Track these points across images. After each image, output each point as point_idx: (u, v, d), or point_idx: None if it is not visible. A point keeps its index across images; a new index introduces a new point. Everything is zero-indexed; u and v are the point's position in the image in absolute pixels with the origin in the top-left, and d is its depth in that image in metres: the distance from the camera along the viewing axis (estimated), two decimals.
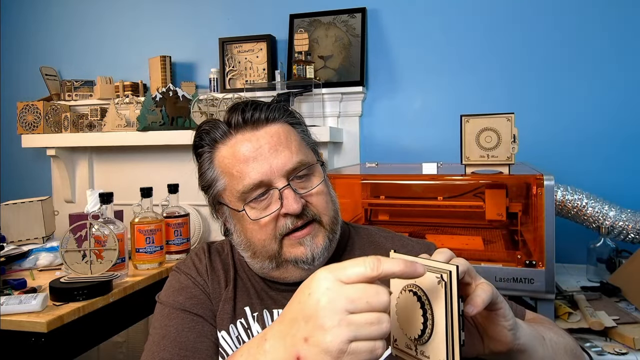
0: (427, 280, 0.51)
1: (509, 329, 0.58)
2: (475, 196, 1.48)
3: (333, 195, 0.83)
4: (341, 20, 2.07)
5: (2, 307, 1.14)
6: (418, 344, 0.53)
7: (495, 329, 0.58)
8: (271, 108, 0.79)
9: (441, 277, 0.50)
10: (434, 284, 0.51)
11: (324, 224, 0.78)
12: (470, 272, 0.55)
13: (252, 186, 0.74)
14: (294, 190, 0.75)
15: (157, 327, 0.78)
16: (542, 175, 1.19)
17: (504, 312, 0.57)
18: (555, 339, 0.71)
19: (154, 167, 2.22)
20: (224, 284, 0.83)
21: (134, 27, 2.41)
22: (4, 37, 2.61)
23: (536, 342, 0.64)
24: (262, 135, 0.76)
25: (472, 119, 1.31)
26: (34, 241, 1.74)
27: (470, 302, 0.53)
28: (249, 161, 0.75)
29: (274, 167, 0.74)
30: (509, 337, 0.58)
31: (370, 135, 2.07)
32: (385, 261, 0.47)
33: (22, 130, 2.26)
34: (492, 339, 0.59)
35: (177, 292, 0.81)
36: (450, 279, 0.49)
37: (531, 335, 0.63)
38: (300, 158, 0.76)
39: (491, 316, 0.57)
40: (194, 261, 0.86)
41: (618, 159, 1.78)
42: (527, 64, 1.88)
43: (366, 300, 0.45)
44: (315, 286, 0.47)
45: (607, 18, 1.79)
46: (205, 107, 2.03)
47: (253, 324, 0.79)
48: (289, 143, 0.77)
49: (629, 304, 1.31)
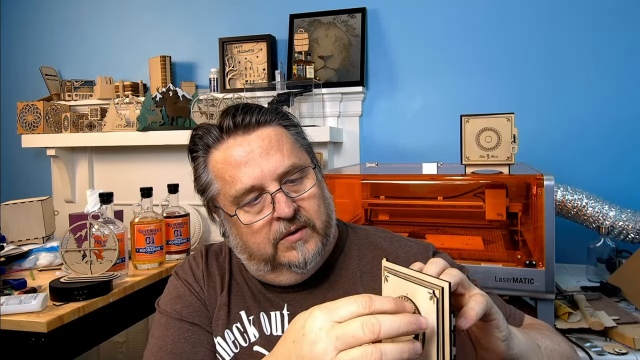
0: (419, 294, 0.51)
1: (502, 339, 0.57)
2: (475, 196, 1.48)
3: (328, 197, 0.82)
4: (341, 20, 2.07)
5: (2, 307, 1.14)
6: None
7: (489, 340, 0.57)
8: (262, 111, 0.78)
9: (433, 292, 0.50)
10: (426, 299, 0.50)
11: (317, 228, 0.77)
12: (464, 282, 0.54)
13: (244, 191, 0.74)
14: (286, 194, 0.74)
15: (156, 336, 0.80)
16: (542, 175, 1.19)
17: (497, 323, 0.56)
18: (552, 347, 0.70)
19: (154, 167, 2.22)
20: (219, 289, 0.83)
21: (134, 27, 2.41)
22: (4, 37, 2.61)
23: (531, 351, 0.63)
24: (253, 139, 0.76)
25: (472, 119, 1.31)
26: (34, 241, 1.74)
27: (464, 315, 0.52)
28: (241, 166, 0.74)
29: (266, 171, 0.74)
30: (502, 348, 0.57)
31: (370, 135, 2.07)
32: (377, 300, 0.48)
33: (22, 130, 2.26)
34: (485, 350, 0.59)
35: (174, 300, 0.82)
36: (443, 295, 0.49)
37: (526, 344, 0.63)
38: (292, 161, 0.76)
39: (485, 327, 0.57)
40: (191, 265, 0.87)
41: (618, 159, 1.78)
42: (527, 64, 1.88)
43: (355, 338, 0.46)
44: (309, 326, 0.48)
45: (607, 18, 1.79)
46: (205, 107, 2.03)
47: (249, 327, 0.79)
48: (281, 146, 0.76)
49: (629, 304, 1.31)
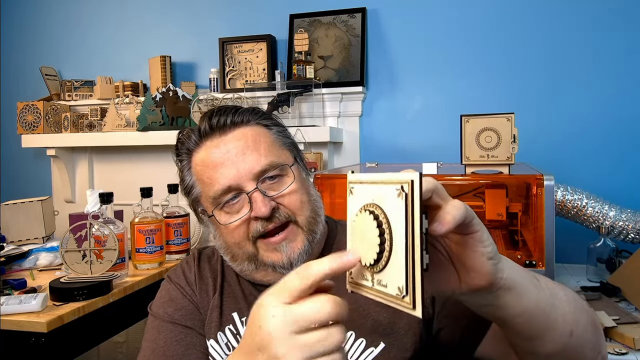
0: (386, 195, 0.43)
1: (488, 256, 0.47)
2: (475, 196, 1.48)
3: (314, 195, 0.82)
4: (341, 20, 2.07)
5: (2, 307, 1.14)
6: (374, 272, 0.45)
7: (472, 257, 0.48)
8: (239, 112, 0.79)
9: (401, 188, 0.41)
10: (394, 198, 0.42)
11: (300, 224, 0.77)
12: (440, 192, 0.46)
13: (221, 191, 0.75)
14: (263, 193, 0.74)
15: (148, 339, 0.80)
16: (542, 175, 1.19)
17: (480, 236, 0.47)
18: (552, 286, 0.60)
19: (154, 167, 2.22)
20: (212, 291, 0.84)
21: (134, 27, 2.40)
22: (4, 37, 2.61)
23: (527, 281, 0.54)
24: (229, 139, 0.77)
25: (472, 119, 1.31)
26: (34, 241, 1.74)
27: (438, 220, 0.44)
28: (217, 167, 0.75)
29: (242, 171, 0.75)
30: (489, 267, 0.47)
31: (370, 135, 2.07)
32: (313, 265, 0.44)
33: (22, 130, 2.26)
34: (469, 270, 0.48)
35: (166, 304, 0.83)
36: (412, 189, 0.41)
37: (520, 273, 0.53)
38: (269, 160, 0.76)
39: (466, 242, 0.47)
40: (184, 269, 0.87)
41: (618, 159, 1.78)
42: (527, 64, 1.88)
43: (310, 319, 0.43)
44: (263, 316, 0.45)
45: (608, 18, 1.79)
46: (205, 107, 2.03)
47: (242, 328, 0.79)
48: (258, 145, 0.77)
49: (629, 304, 1.31)
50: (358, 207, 0.47)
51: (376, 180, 0.45)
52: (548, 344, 0.57)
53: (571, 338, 0.57)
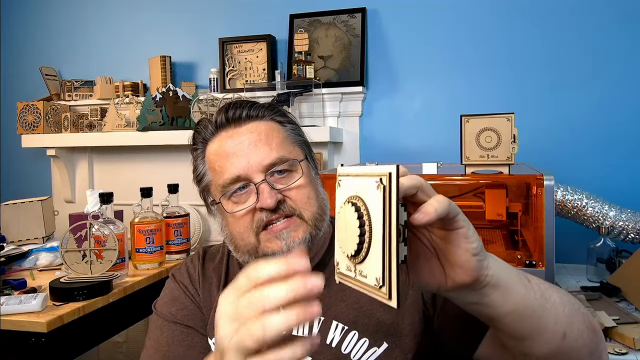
0: (368, 187, 0.45)
1: (473, 253, 0.47)
2: (475, 196, 1.48)
3: (321, 193, 0.83)
4: (341, 21, 2.07)
5: (2, 307, 1.14)
6: (356, 263, 0.46)
7: (456, 252, 0.48)
8: (255, 106, 0.81)
9: (380, 180, 0.42)
10: (373, 190, 0.43)
11: (305, 218, 0.77)
12: (425, 188, 0.46)
13: (230, 180, 0.77)
14: (270, 185, 0.76)
15: (151, 338, 0.82)
16: (542, 175, 1.19)
17: (465, 232, 0.47)
18: (544, 287, 0.58)
19: (154, 167, 2.22)
20: (215, 290, 0.84)
21: (134, 27, 2.40)
22: (4, 37, 2.61)
23: (515, 280, 0.53)
24: (243, 131, 0.79)
25: (472, 119, 1.31)
26: (34, 241, 1.74)
27: (420, 210, 0.44)
28: (229, 157, 0.77)
29: (252, 162, 0.76)
30: (473, 263, 0.47)
31: (370, 135, 2.07)
32: (262, 266, 0.43)
33: (22, 130, 2.25)
34: (454, 266, 0.48)
35: (169, 303, 0.84)
36: (390, 181, 0.42)
37: (508, 270, 0.53)
38: (280, 154, 0.77)
39: (450, 237, 0.48)
40: (188, 268, 0.88)
41: (618, 158, 1.78)
42: (527, 64, 1.88)
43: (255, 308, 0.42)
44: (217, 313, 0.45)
45: (607, 18, 1.79)
46: (205, 107, 2.03)
47: None
48: (270, 139, 0.78)
49: (629, 304, 1.31)
50: (343, 199, 0.48)
51: (360, 173, 0.47)
52: (539, 346, 0.56)
53: (564, 340, 0.56)
